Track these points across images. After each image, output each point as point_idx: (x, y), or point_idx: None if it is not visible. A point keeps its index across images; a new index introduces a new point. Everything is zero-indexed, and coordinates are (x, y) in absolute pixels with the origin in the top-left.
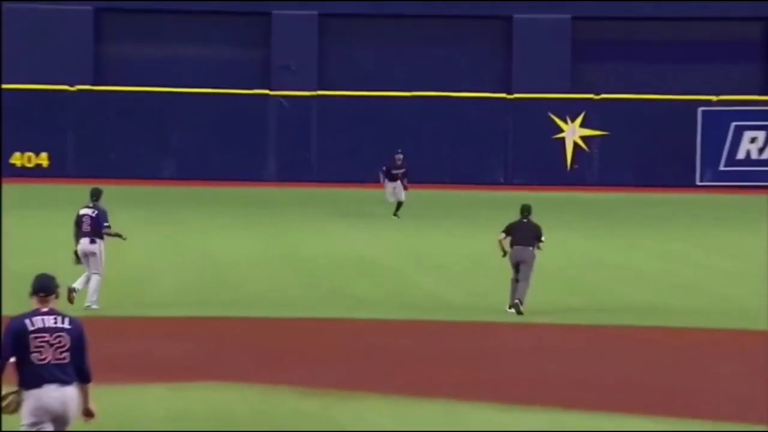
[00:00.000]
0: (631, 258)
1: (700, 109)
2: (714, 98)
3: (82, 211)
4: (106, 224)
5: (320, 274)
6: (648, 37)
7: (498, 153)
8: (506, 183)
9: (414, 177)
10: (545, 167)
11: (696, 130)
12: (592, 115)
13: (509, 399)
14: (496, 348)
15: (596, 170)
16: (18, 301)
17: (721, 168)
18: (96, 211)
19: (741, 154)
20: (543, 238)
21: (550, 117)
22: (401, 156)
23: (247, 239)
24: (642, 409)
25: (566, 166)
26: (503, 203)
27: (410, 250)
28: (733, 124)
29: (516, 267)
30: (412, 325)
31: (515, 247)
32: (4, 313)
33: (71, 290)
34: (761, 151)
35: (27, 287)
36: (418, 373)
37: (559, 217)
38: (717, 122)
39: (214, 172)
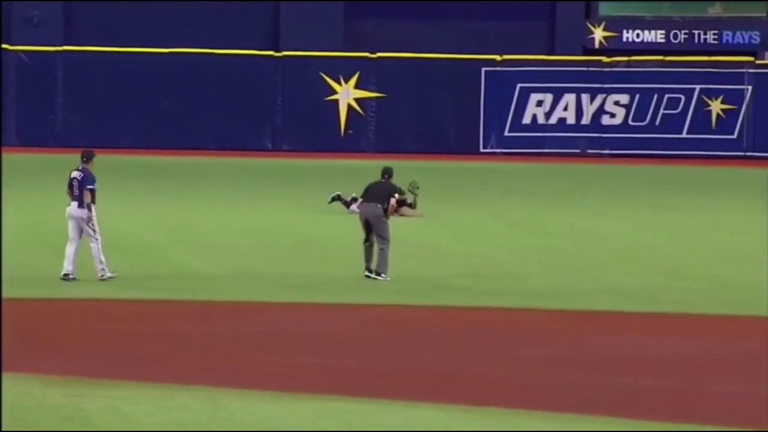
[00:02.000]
0: (417, 233)
1: (484, 69)
2: (498, 57)
3: (72, 175)
4: (89, 186)
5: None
6: None
7: (265, 116)
8: (274, 149)
9: (173, 143)
10: (317, 132)
11: (480, 92)
12: (368, 76)
13: (277, 387)
14: (265, 331)
15: (372, 135)
16: None
17: (506, 134)
18: (83, 174)
19: (527, 119)
20: (396, 195)
21: (322, 77)
22: None
23: None
24: (426, 397)
25: (340, 131)
26: (271, 171)
27: (170, 223)
28: (519, 85)
29: (365, 226)
30: (171, 306)
31: (363, 203)
32: None
33: (65, 277)
34: (548, 115)
35: None
36: (179, 358)
37: (333, 186)
38: (501, 84)
39: None
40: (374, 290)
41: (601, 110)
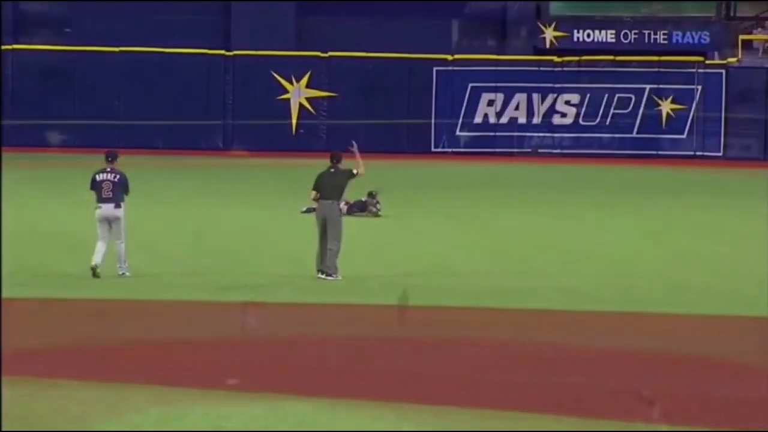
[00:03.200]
0: (368, 232)
1: (435, 68)
2: (450, 57)
3: (101, 177)
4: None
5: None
6: None
7: (217, 116)
8: (226, 149)
9: (123, 143)
10: (269, 132)
11: (431, 91)
12: (319, 75)
13: (230, 386)
14: (215, 331)
15: (324, 135)
16: None
17: (458, 133)
18: (117, 176)
19: (478, 119)
20: (355, 171)
21: (273, 76)
22: None
23: None
24: (376, 396)
25: (292, 131)
26: (222, 171)
27: None
28: (470, 85)
29: (323, 227)
30: (121, 305)
31: (320, 201)
32: None
33: (94, 269)
34: (499, 114)
35: None
36: (130, 358)
37: (285, 186)
38: (453, 83)
39: None
40: (325, 290)
41: (552, 110)
